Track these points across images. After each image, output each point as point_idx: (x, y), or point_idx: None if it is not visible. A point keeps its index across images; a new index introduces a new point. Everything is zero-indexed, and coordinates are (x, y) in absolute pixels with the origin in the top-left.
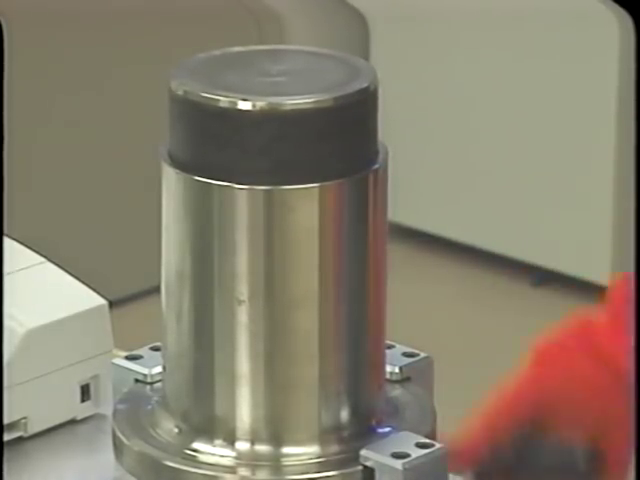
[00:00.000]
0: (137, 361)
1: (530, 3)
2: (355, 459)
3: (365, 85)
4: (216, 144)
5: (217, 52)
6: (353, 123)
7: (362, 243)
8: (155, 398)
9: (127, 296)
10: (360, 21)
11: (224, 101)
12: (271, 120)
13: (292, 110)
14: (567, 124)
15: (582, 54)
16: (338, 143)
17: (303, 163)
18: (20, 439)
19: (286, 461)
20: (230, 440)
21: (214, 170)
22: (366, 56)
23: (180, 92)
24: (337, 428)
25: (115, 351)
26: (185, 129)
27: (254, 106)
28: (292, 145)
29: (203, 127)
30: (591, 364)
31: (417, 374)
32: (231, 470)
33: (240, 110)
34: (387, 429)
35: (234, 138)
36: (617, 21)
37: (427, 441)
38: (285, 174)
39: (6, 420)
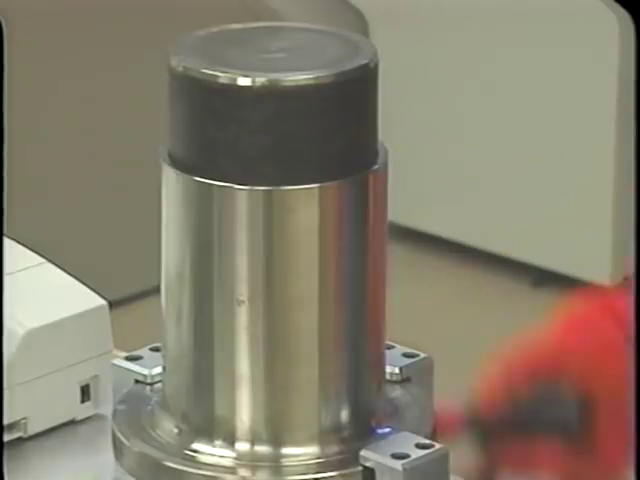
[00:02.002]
0: (137, 362)
1: (530, 2)
2: (355, 460)
3: (366, 61)
4: (216, 121)
5: (215, 29)
6: (354, 99)
7: (362, 244)
8: (155, 399)
9: (127, 296)
10: (360, 21)
11: (224, 77)
12: (271, 96)
13: (293, 86)
14: (567, 124)
15: (582, 54)
16: (339, 119)
17: (304, 140)
18: (20, 439)
19: (286, 462)
20: (230, 441)
21: (215, 148)
22: None
23: (180, 68)
24: (337, 429)
25: (115, 352)
26: (185, 106)
27: (254, 82)
28: (293, 121)
29: (203, 104)
30: (610, 328)
31: (417, 375)
32: (231, 471)
33: (240, 86)
34: (387, 430)
35: (235, 115)
36: (617, 21)
37: (427, 442)
38: (286, 152)
39: (6, 420)
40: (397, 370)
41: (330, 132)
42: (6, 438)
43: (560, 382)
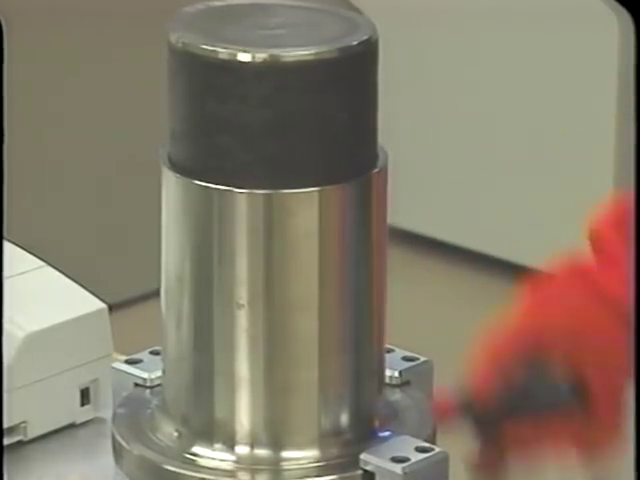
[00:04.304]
0: (137, 365)
1: (530, 2)
2: (355, 463)
3: (366, 37)
4: (216, 97)
5: (206, 6)
6: (354, 75)
7: (362, 247)
8: (155, 402)
9: (127, 300)
10: None
11: (224, 53)
12: (272, 72)
13: (294, 62)
14: (567, 124)
15: (582, 54)
16: (340, 95)
17: (304, 116)
18: (20, 443)
19: (286, 465)
20: (230, 444)
21: (215, 124)
22: None
23: (179, 45)
24: (337, 432)
25: (115, 355)
26: (185, 83)
27: (254, 57)
28: (294, 97)
29: (203, 80)
30: (584, 296)
31: (417, 378)
32: (231, 474)
33: (241, 62)
34: (387, 433)
35: (235, 90)
36: (617, 20)
37: (427, 445)
38: (286, 128)
39: (6, 424)
40: (397, 374)
41: (331, 108)
42: (6, 441)
43: (545, 357)
